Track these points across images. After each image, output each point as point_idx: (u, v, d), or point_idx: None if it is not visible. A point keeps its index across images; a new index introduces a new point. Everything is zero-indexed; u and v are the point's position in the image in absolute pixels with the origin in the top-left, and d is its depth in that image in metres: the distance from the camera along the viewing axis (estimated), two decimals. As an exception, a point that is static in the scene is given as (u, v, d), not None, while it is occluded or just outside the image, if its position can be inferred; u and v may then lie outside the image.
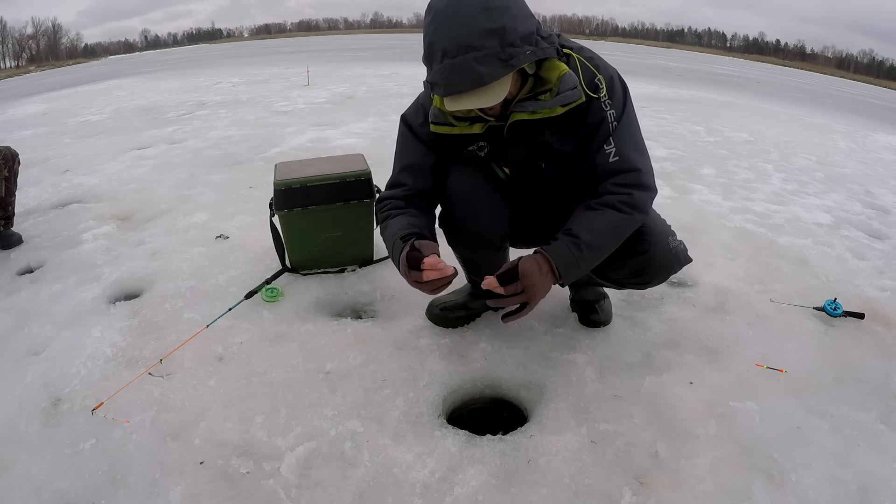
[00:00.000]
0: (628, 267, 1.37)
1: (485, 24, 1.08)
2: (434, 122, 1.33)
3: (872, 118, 9.41)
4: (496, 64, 1.10)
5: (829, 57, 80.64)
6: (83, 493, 1.15)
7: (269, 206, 1.96)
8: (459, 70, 1.09)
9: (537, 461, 1.23)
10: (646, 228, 1.35)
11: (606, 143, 1.26)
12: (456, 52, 1.08)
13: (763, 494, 1.15)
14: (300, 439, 1.28)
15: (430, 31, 1.12)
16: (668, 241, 1.37)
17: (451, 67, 1.09)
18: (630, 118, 1.29)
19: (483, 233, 1.44)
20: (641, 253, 1.34)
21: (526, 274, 1.16)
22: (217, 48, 40.16)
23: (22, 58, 59.31)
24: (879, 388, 1.50)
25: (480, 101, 1.13)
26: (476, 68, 1.08)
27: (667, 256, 1.37)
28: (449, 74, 1.10)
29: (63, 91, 10.42)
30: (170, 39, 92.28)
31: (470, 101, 1.13)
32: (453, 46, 1.08)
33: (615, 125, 1.26)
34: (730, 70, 21.79)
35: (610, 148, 1.26)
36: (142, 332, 1.69)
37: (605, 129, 1.26)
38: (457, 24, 1.08)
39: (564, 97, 1.22)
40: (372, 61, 13.74)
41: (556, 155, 1.35)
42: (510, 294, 1.18)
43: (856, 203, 3.28)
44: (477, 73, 1.09)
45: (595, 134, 1.27)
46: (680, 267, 1.42)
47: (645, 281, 1.42)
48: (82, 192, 3.13)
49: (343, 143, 4.18)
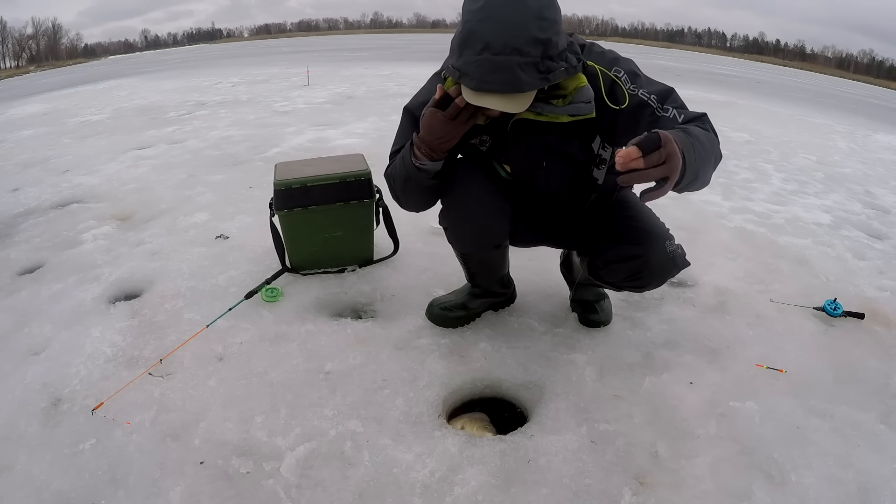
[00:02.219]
0: (625, 270, 1.37)
1: (535, 31, 1.06)
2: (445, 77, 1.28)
3: (872, 118, 9.40)
4: (534, 74, 1.08)
5: (829, 57, 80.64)
6: (83, 493, 1.15)
7: (269, 206, 1.96)
8: (500, 69, 1.06)
9: (537, 461, 1.23)
10: (642, 232, 1.35)
11: (664, 110, 1.19)
12: (500, 49, 1.05)
13: (763, 494, 1.15)
14: (300, 439, 1.28)
15: (475, 18, 1.07)
16: (665, 245, 1.35)
17: (490, 63, 1.06)
18: (655, 84, 1.24)
19: (484, 230, 1.44)
20: (637, 257, 1.34)
21: (669, 140, 0.92)
22: (217, 48, 40.15)
23: (22, 58, 59.30)
24: (879, 388, 1.50)
25: (507, 106, 1.11)
26: (517, 73, 1.06)
27: (663, 261, 1.35)
28: (487, 70, 1.06)
29: (63, 91, 10.42)
30: (170, 39, 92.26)
31: (497, 103, 1.10)
32: (499, 43, 1.05)
33: (654, 97, 1.20)
34: (730, 70, 21.77)
35: (669, 113, 1.19)
36: (142, 332, 1.69)
37: (650, 109, 1.20)
38: (510, 22, 1.05)
39: (576, 108, 1.21)
40: (372, 61, 13.74)
41: (559, 154, 1.35)
42: (651, 165, 0.91)
43: (856, 203, 3.28)
44: (517, 78, 1.06)
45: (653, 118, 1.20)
46: (677, 271, 1.39)
47: (641, 285, 1.41)
48: (82, 192, 3.13)
49: (343, 143, 4.18)
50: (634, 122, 1.22)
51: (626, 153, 0.89)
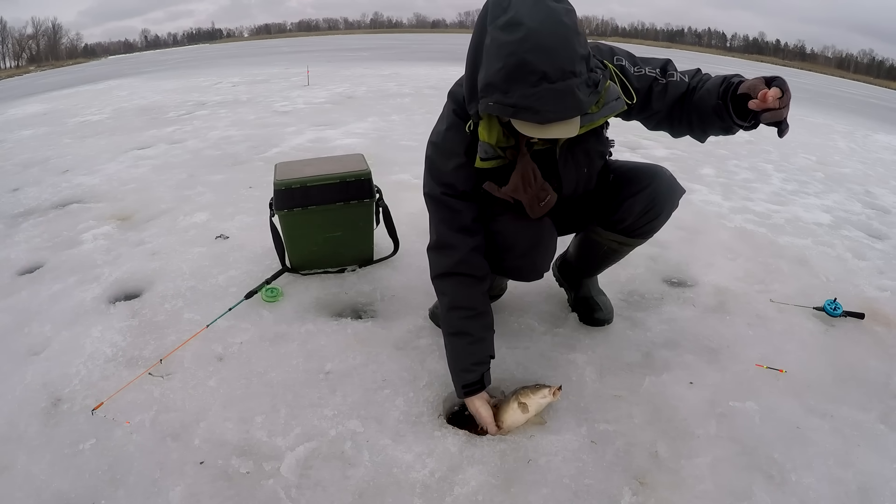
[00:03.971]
0: (640, 202, 1.43)
1: (579, 48, 1.03)
2: (483, 159, 1.25)
3: (872, 118, 9.41)
4: (588, 91, 1.06)
5: (829, 57, 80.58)
6: (83, 493, 1.15)
7: (269, 206, 1.96)
8: (563, 96, 1.02)
9: (537, 461, 1.23)
10: (644, 169, 1.46)
11: (669, 76, 1.31)
12: (558, 76, 1.00)
13: (763, 494, 1.15)
14: (300, 439, 1.28)
15: (521, 49, 1.00)
16: (664, 172, 1.47)
17: (553, 93, 1.01)
18: (652, 60, 1.34)
19: (538, 273, 1.47)
20: (648, 185, 1.43)
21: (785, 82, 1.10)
22: (217, 48, 40.15)
23: (22, 58, 59.26)
24: (879, 388, 1.50)
25: (569, 131, 1.08)
26: (578, 95, 1.03)
27: (670, 183, 1.46)
28: (551, 100, 1.02)
29: (63, 91, 10.43)
30: (170, 39, 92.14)
31: (560, 130, 1.07)
32: (556, 71, 1.00)
33: (658, 70, 1.32)
34: (730, 70, 21.67)
35: (675, 78, 1.31)
36: (142, 332, 1.69)
37: (658, 81, 1.31)
38: (559, 46, 1.00)
39: (610, 108, 1.22)
40: (372, 61, 13.74)
41: (596, 157, 1.40)
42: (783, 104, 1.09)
43: (856, 203, 3.28)
44: (579, 100, 1.03)
45: (662, 87, 1.31)
46: (680, 195, 1.49)
47: (656, 213, 1.46)
48: (82, 192, 3.13)
49: (343, 143, 4.18)
50: (647, 97, 1.31)
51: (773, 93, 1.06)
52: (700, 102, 1.27)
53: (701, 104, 1.26)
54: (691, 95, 1.31)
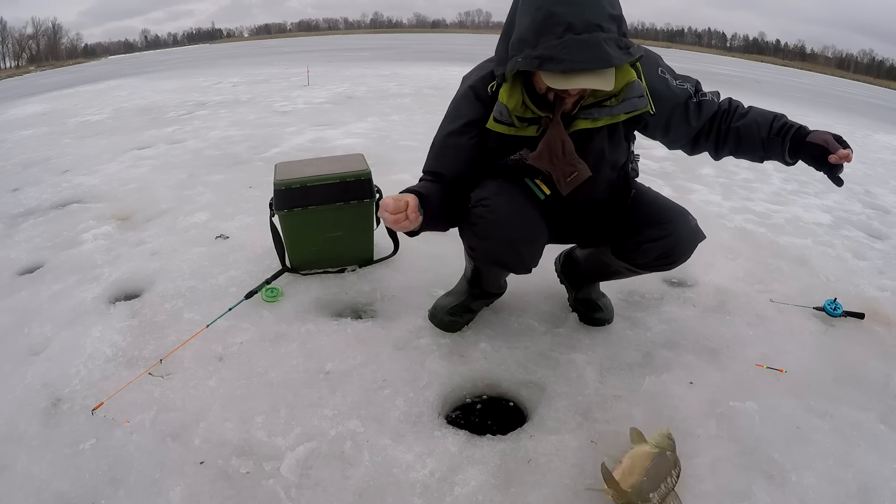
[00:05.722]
0: (657, 249, 1.40)
1: (609, 8, 1.07)
2: (497, 120, 1.27)
3: (872, 118, 9.41)
4: (618, 49, 1.08)
5: (830, 57, 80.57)
6: (83, 493, 1.15)
7: (269, 206, 1.96)
8: (588, 47, 1.04)
9: (537, 461, 1.23)
10: (668, 211, 1.42)
11: (703, 95, 1.39)
12: (584, 28, 1.04)
13: (763, 494, 1.15)
14: (300, 439, 1.28)
15: (548, 2, 1.06)
16: (689, 219, 1.43)
17: (578, 43, 1.04)
18: (687, 78, 1.40)
19: (524, 260, 1.40)
20: (669, 234, 1.39)
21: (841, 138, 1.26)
22: (217, 48, 40.15)
23: (22, 58, 59.25)
24: (879, 388, 1.50)
25: (598, 83, 1.09)
26: (605, 49, 1.05)
27: (690, 234, 1.42)
28: (576, 50, 1.04)
29: (63, 91, 10.42)
30: (170, 39, 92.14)
31: (589, 81, 1.08)
32: (582, 22, 1.04)
33: (693, 88, 1.37)
34: (730, 70, 21.77)
35: (707, 97, 1.38)
36: (142, 332, 1.69)
37: (693, 99, 1.37)
38: (585, 1, 1.05)
39: (631, 104, 1.22)
40: (372, 61, 13.74)
41: (607, 164, 1.37)
42: None
43: (856, 203, 3.28)
44: (606, 53, 1.05)
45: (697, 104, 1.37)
46: (699, 241, 1.46)
47: (672, 261, 1.44)
48: (82, 192, 3.13)
49: (343, 143, 4.18)
50: (685, 111, 1.36)
51: (847, 154, 1.22)
52: (745, 130, 1.34)
53: (746, 132, 1.34)
54: (725, 118, 1.37)
